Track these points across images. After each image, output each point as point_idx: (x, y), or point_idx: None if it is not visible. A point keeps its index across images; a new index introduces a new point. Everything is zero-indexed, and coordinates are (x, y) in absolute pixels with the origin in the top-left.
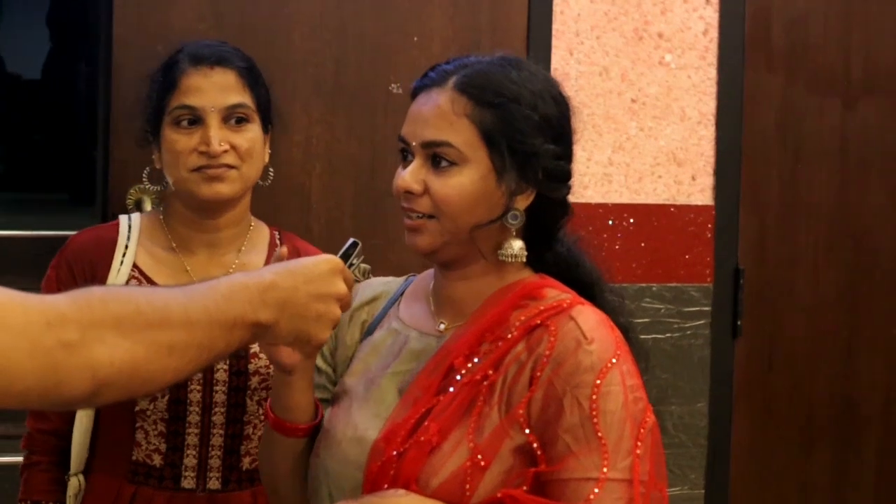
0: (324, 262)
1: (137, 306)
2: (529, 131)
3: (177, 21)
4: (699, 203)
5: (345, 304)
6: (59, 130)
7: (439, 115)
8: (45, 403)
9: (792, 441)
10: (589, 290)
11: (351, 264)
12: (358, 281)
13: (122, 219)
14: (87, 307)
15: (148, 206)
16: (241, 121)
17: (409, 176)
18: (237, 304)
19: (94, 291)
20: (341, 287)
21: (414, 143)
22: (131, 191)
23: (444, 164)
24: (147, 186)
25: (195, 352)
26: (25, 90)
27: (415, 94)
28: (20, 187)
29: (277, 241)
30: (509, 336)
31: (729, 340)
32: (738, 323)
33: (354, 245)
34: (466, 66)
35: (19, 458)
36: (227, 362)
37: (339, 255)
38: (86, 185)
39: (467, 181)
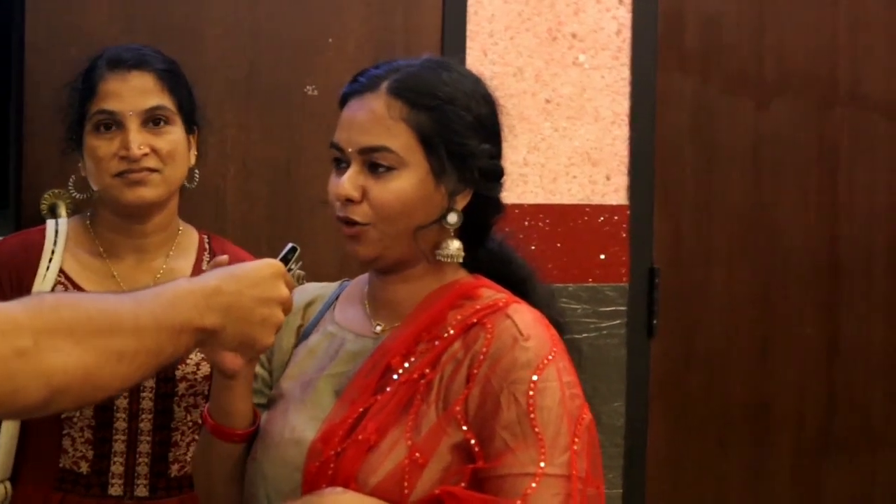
0: (266, 266)
1: (88, 313)
2: (465, 132)
3: (89, 23)
4: (614, 203)
5: (287, 307)
6: None
7: (375, 120)
8: (1, 412)
9: (708, 440)
10: (522, 285)
11: (290, 269)
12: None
13: (49, 224)
14: (39, 314)
15: (63, 212)
16: (161, 123)
17: (348, 183)
18: (183, 310)
19: (46, 298)
20: (284, 291)
21: (350, 150)
22: (45, 195)
23: (381, 169)
24: (61, 192)
25: (144, 358)
26: None
27: (344, 100)
28: None
29: (206, 246)
30: (446, 335)
31: (645, 340)
32: (654, 322)
33: (293, 250)
34: (397, 69)
35: None
36: (154, 391)
37: (278, 259)
38: None
39: (407, 185)
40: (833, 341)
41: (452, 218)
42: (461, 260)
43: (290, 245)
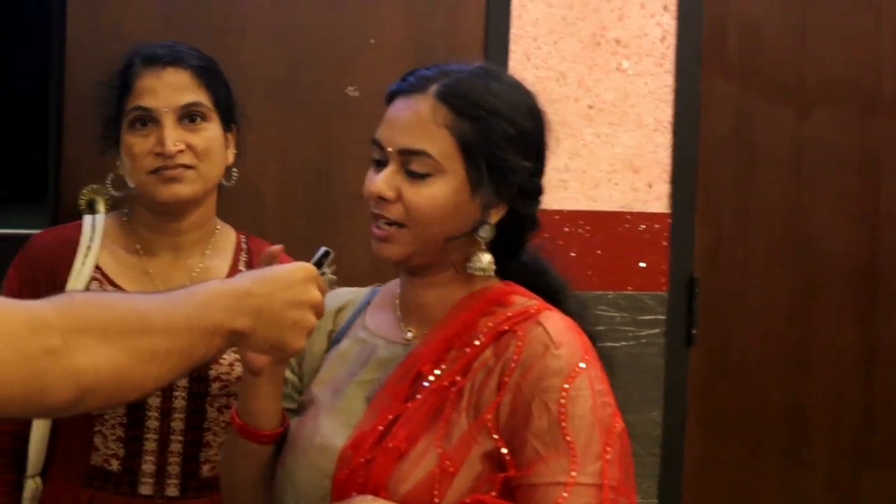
0: (299, 269)
1: (120, 313)
2: (507, 146)
3: (129, 20)
4: (655, 211)
5: (319, 311)
6: None
7: (418, 122)
8: (29, 411)
9: (745, 449)
10: (555, 297)
11: (323, 273)
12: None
13: (86, 219)
14: (70, 313)
15: (101, 208)
16: (197, 119)
17: (383, 182)
18: (215, 312)
19: (76, 297)
20: (315, 295)
21: (390, 149)
22: (84, 191)
23: (419, 172)
24: (100, 188)
25: (176, 359)
26: None
27: (391, 97)
28: None
29: (243, 246)
30: (477, 342)
31: (683, 349)
32: (693, 331)
33: (326, 254)
34: (447, 74)
35: None
36: (187, 391)
37: (311, 262)
38: (30, 182)
39: (441, 192)
40: (872, 349)
41: (485, 231)
42: (492, 274)
43: (323, 249)
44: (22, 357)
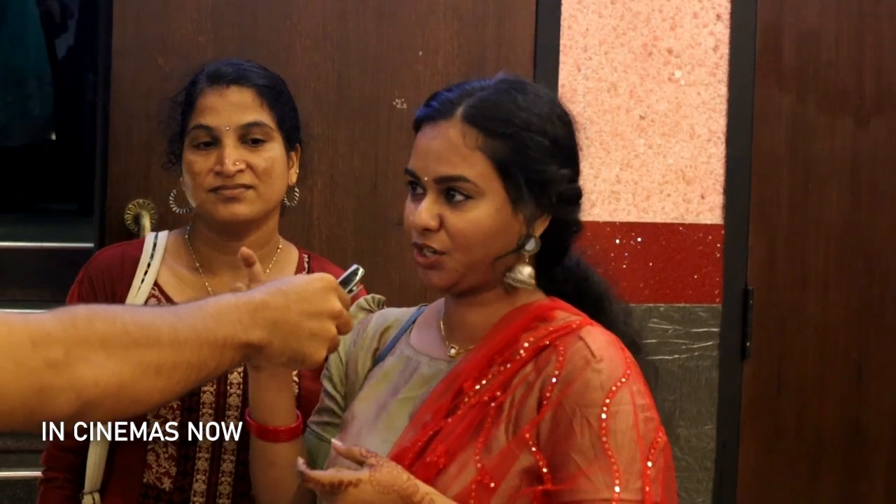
0: (316, 280)
1: (124, 325)
2: (543, 158)
3: (176, 34)
4: (708, 222)
5: (342, 322)
6: (68, 138)
7: (451, 149)
8: (29, 424)
9: (800, 465)
10: (598, 301)
11: (350, 290)
12: (371, 311)
13: (149, 237)
14: (73, 326)
15: (146, 222)
16: (259, 140)
17: (426, 213)
18: (227, 324)
19: (80, 310)
20: (335, 305)
21: (426, 179)
22: (130, 206)
23: (458, 197)
24: (145, 202)
25: (183, 372)
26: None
27: (418, 124)
28: (28, 196)
29: (305, 265)
30: (517, 358)
31: (737, 362)
32: (747, 344)
33: (356, 271)
34: (471, 93)
35: (18, 473)
36: (242, 388)
37: (339, 279)
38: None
39: (484, 214)
40: None
41: (531, 245)
42: (532, 285)
43: (353, 266)
44: (23, 370)
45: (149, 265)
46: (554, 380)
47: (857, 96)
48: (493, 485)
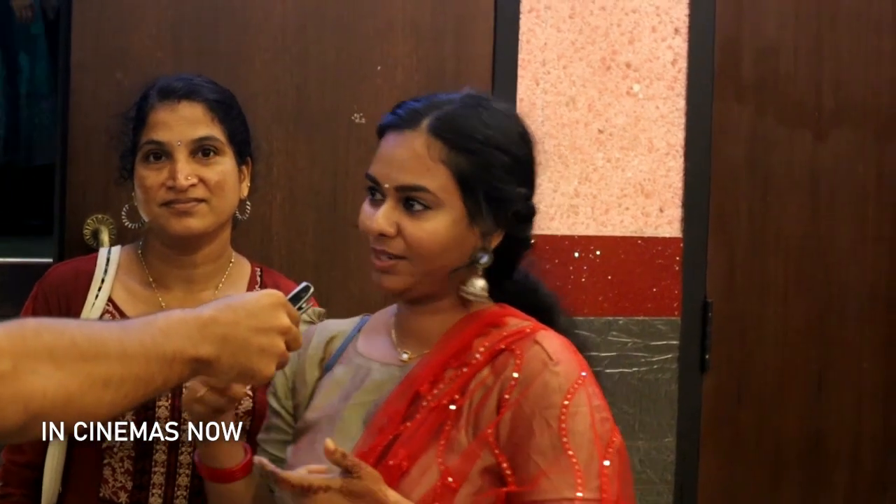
0: (265, 296)
1: (72, 338)
2: (504, 176)
3: (135, 48)
4: (667, 235)
5: (291, 339)
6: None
7: (415, 159)
8: None
9: (760, 477)
10: (548, 313)
11: (301, 307)
12: (313, 323)
13: (101, 252)
14: (21, 338)
15: (105, 238)
16: (210, 153)
17: (383, 219)
18: (175, 339)
19: (28, 323)
20: (284, 321)
21: (387, 186)
22: (88, 221)
23: (417, 207)
24: (104, 217)
25: (131, 386)
26: None
27: (382, 131)
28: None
29: (258, 279)
30: (473, 361)
31: (697, 375)
32: (707, 357)
33: (307, 289)
34: (438, 106)
35: None
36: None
37: (289, 296)
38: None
39: (441, 226)
40: (891, 377)
41: (485, 259)
42: (485, 297)
43: (303, 284)
44: None
45: (102, 281)
46: (513, 382)
47: (815, 109)
48: (455, 484)
